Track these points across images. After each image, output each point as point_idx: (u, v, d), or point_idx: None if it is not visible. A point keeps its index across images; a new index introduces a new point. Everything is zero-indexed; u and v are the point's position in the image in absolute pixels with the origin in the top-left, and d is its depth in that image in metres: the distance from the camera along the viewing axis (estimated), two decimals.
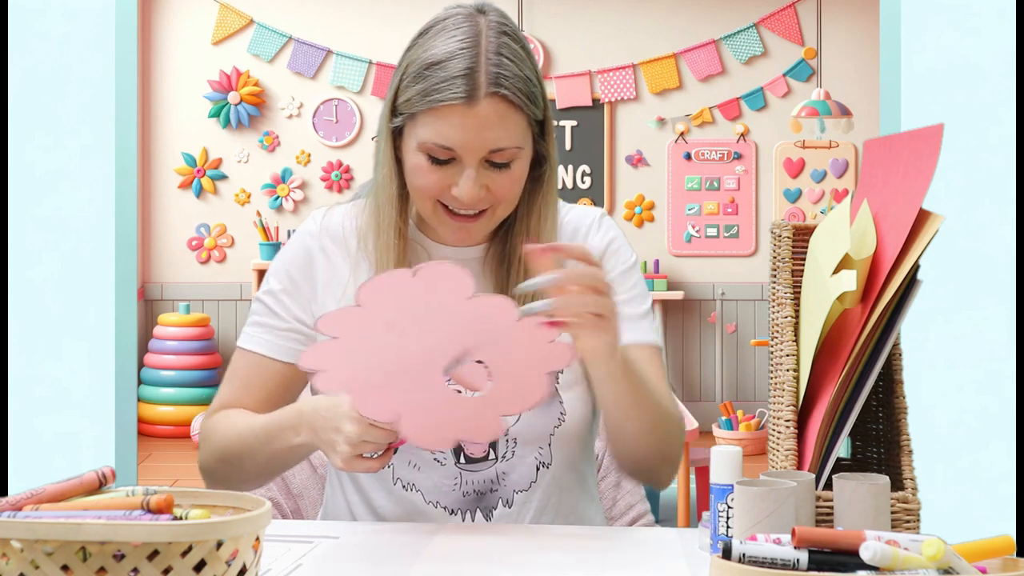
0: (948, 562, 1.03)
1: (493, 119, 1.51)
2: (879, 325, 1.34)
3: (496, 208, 1.58)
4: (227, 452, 1.61)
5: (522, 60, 1.55)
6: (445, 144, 1.52)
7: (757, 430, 6.33)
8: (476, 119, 1.51)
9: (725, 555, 1.06)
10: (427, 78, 1.52)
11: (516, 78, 1.52)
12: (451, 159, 1.54)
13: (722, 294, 7.09)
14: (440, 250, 1.68)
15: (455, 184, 1.54)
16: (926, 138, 1.34)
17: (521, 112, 1.53)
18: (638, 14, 7.04)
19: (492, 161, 1.54)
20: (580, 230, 1.71)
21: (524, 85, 1.53)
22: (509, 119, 1.52)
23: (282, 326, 1.66)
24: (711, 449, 1.35)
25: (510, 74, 1.52)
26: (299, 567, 1.33)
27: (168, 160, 7.06)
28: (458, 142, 1.52)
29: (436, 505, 1.62)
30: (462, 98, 1.50)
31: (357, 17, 7.00)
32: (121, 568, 1.01)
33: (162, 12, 7.03)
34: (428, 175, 1.55)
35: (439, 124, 1.51)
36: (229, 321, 7.08)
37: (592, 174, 7.07)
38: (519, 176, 1.57)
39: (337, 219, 1.70)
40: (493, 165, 1.54)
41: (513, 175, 1.56)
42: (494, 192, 1.56)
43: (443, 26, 1.56)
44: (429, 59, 1.53)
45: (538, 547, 1.46)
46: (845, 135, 6.78)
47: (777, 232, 1.45)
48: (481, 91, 1.50)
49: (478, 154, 1.52)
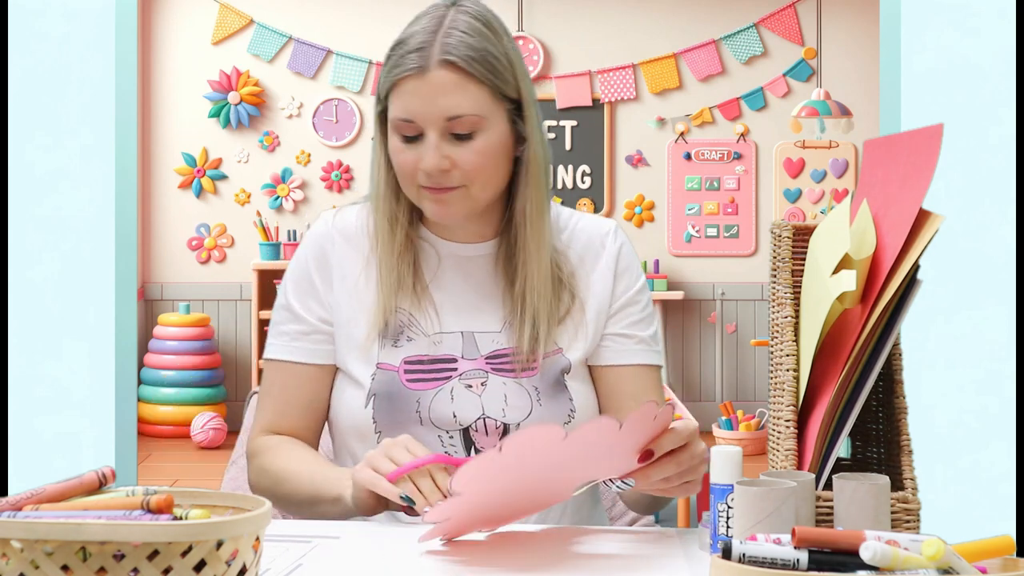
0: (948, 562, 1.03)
1: (447, 86, 1.56)
2: (879, 325, 1.34)
3: (471, 186, 1.61)
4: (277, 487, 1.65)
5: (483, 36, 1.59)
6: (405, 116, 1.58)
7: (757, 430, 6.32)
8: (429, 86, 1.56)
9: (725, 555, 1.06)
10: (391, 58, 1.60)
11: (469, 47, 1.57)
12: (419, 135, 1.58)
13: (722, 294, 7.09)
14: (449, 247, 1.70)
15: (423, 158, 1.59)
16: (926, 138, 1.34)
17: (477, 81, 1.57)
18: (638, 14, 7.04)
19: (454, 133, 1.58)
20: (594, 241, 1.73)
21: (479, 55, 1.57)
22: (463, 87, 1.57)
23: (308, 329, 1.69)
24: (711, 449, 1.35)
25: (462, 44, 1.57)
26: (299, 567, 1.33)
27: (168, 160, 7.06)
28: (414, 112, 1.57)
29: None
30: (414, 68, 1.57)
31: (357, 17, 7.00)
32: (121, 568, 1.01)
33: (162, 12, 7.03)
34: (401, 154, 1.60)
35: (401, 98, 1.58)
36: (229, 321, 7.08)
37: (592, 174, 7.06)
38: (484, 149, 1.59)
39: (349, 219, 1.73)
40: (456, 137, 1.58)
41: (476, 147, 1.59)
42: (460, 166, 1.59)
43: (417, 16, 1.63)
44: (396, 41, 1.61)
45: (538, 547, 1.46)
46: (845, 135, 6.78)
47: (777, 232, 1.45)
48: (432, 60, 1.56)
49: (436, 123, 1.57)
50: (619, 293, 1.71)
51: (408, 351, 1.65)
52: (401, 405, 1.63)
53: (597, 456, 1.35)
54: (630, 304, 1.72)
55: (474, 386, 1.64)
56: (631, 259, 1.74)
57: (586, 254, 1.72)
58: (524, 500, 1.43)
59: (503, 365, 1.65)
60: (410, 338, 1.66)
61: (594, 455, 1.35)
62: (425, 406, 1.63)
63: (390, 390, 1.63)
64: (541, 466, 1.35)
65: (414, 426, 1.63)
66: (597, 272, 1.71)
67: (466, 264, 1.70)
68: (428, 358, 1.65)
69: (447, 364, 1.65)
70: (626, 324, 1.71)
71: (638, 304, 1.72)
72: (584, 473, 1.41)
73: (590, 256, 1.72)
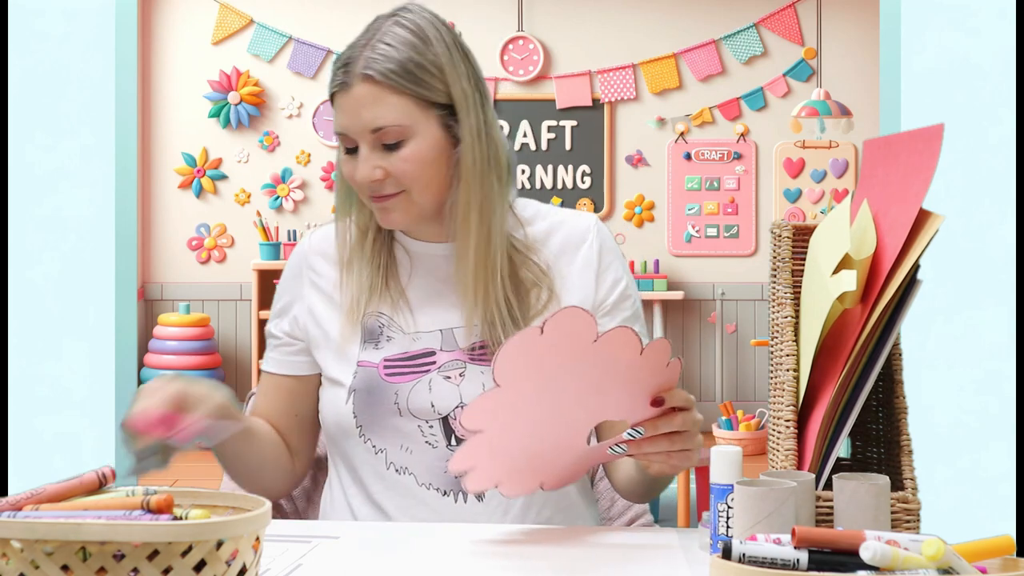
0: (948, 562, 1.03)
1: (368, 100, 1.62)
2: (879, 325, 1.34)
3: (410, 191, 1.65)
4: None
5: (411, 46, 1.63)
6: (339, 130, 1.66)
7: (757, 430, 6.32)
8: (352, 100, 1.63)
9: (725, 555, 1.06)
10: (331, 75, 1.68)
11: (389, 60, 1.62)
12: (355, 147, 1.65)
13: (722, 294, 7.09)
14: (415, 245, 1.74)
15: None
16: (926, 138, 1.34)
17: (397, 92, 1.62)
18: (638, 14, 7.03)
19: (383, 143, 1.63)
20: (574, 235, 1.74)
21: (400, 68, 1.62)
22: (383, 99, 1.62)
23: (279, 343, 1.79)
24: (711, 449, 1.35)
25: (382, 57, 1.62)
26: (299, 567, 1.33)
27: (168, 160, 7.06)
28: (345, 126, 1.64)
29: (429, 487, 1.65)
30: (339, 84, 1.64)
31: (357, 17, 6.96)
32: (121, 568, 1.01)
33: (162, 12, 7.03)
34: (345, 165, 1.67)
35: (335, 113, 1.66)
36: (229, 321, 7.08)
37: (592, 174, 7.06)
38: (412, 156, 1.64)
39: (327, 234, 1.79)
40: (386, 147, 1.63)
41: (405, 155, 1.63)
42: (393, 174, 1.64)
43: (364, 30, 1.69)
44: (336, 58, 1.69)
45: (537, 547, 1.46)
46: (845, 135, 6.78)
47: (777, 232, 1.45)
48: (353, 75, 1.63)
49: (364, 136, 1.63)
50: (607, 291, 1.72)
51: (388, 351, 1.69)
52: (380, 398, 1.67)
53: (618, 377, 1.37)
54: (622, 301, 1.73)
55: (452, 376, 1.67)
56: (614, 255, 1.75)
57: (566, 247, 1.73)
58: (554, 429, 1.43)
59: (482, 356, 1.68)
60: (389, 338, 1.69)
61: (616, 373, 1.37)
62: (403, 397, 1.66)
63: (369, 385, 1.67)
64: (571, 363, 1.36)
65: (393, 417, 1.66)
66: (575, 266, 1.72)
67: (438, 262, 1.73)
68: (407, 354, 1.69)
69: (426, 358, 1.68)
70: (619, 322, 1.71)
71: (628, 300, 1.74)
72: (606, 398, 1.41)
73: (569, 250, 1.73)
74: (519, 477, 1.49)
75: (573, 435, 1.46)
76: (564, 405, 1.40)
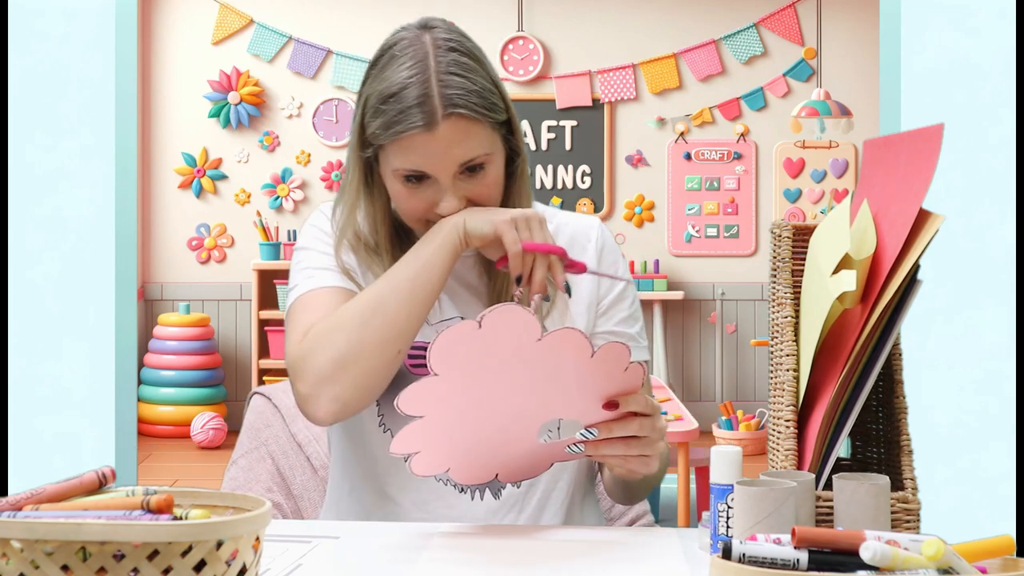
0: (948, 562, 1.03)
1: (458, 137, 1.55)
2: (879, 325, 1.34)
3: None
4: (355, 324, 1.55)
5: (474, 72, 1.58)
6: (414, 168, 1.57)
7: (757, 430, 6.32)
8: (439, 142, 1.55)
9: (725, 555, 1.06)
10: (385, 112, 1.56)
11: (470, 92, 1.56)
12: (426, 177, 1.58)
13: (722, 294, 7.09)
14: None
15: (436, 202, 1.59)
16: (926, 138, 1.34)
17: (481, 123, 1.57)
18: (638, 14, 7.04)
19: (466, 170, 1.58)
20: (578, 240, 1.74)
21: (479, 97, 1.56)
22: (471, 133, 1.56)
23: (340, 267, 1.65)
24: (711, 449, 1.35)
25: (463, 91, 1.55)
26: (299, 567, 1.33)
27: (168, 160, 7.06)
28: (427, 166, 1.56)
29: (446, 483, 1.65)
30: (420, 126, 1.54)
31: (357, 17, 7.00)
32: (121, 568, 1.01)
33: (162, 12, 7.03)
34: (409, 199, 1.60)
35: (406, 153, 1.56)
36: (229, 321, 7.08)
37: (592, 174, 7.06)
38: (495, 179, 1.61)
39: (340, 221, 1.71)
40: (469, 173, 1.58)
41: (488, 179, 1.60)
42: (475, 200, 1.60)
43: (392, 54, 1.59)
44: (384, 91, 1.57)
45: (538, 547, 1.46)
46: (845, 135, 6.78)
47: (777, 232, 1.45)
48: (438, 115, 1.54)
49: (449, 171, 1.57)
50: (605, 290, 1.72)
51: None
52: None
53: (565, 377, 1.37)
54: (619, 301, 1.74)
55: None
56: (615, 256, 1.76)
57: (570, 249, 1.73)
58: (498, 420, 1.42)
59: None
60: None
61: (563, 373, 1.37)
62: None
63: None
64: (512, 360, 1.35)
65: None
66: None
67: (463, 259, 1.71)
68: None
69: None
70: (615, 322, 1.72)
71: (625, 301, 1.74)
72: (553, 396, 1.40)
73: (575, 251, 1.73)
74: (468, 465, 1.48)
75: (521, 428, 1.44)
76: (506, 398, 1.39)
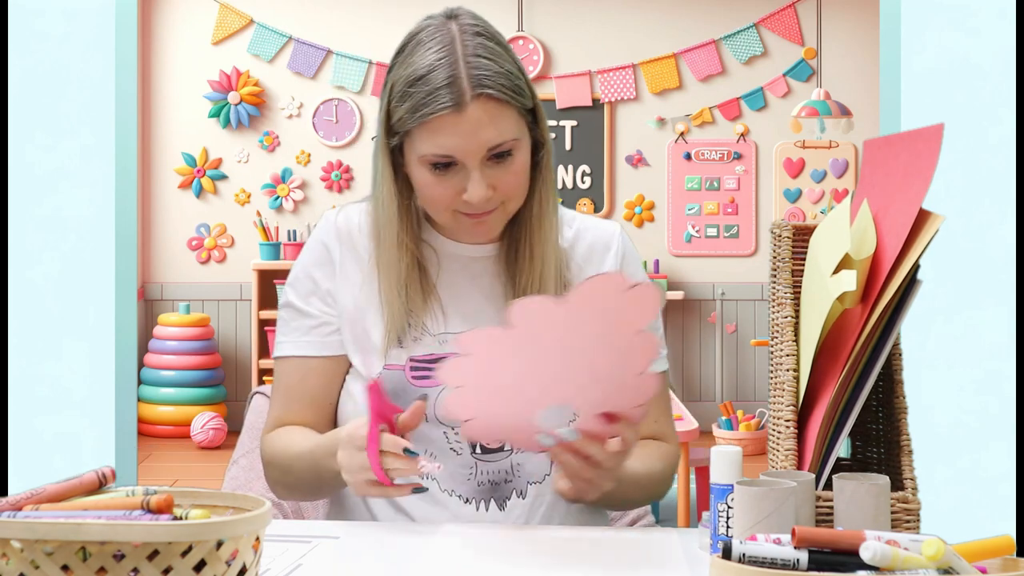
0: (948, 562, 1.03)
1: (485, 119, 1.54)
2: (879, 325, 1.34)
3: (508, 203, 1.62)
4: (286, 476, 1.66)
5: (500, 56, 1.58)
6: (442, 153, 1.56)
7: (757, 430, 6.32)
8: (468, 123, 1.54)
9: (725, 555, 1.06)
10: (412, 95, 1.55)
11: (498, 75, 1.55)
12: (453, 163, 1.56)
13: (722, 294, 7.09)
14: (453, 247, 1.70)
15: (463, 190, 1.58)
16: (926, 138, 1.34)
17: (510, 106, 1.56)
18: (638, 14, 7.04)
19: (493, 157, 1.57)
20: (599, 242, 1.74)
21: (507, 80, 1.56)
22: (500, 115, 1.55)
23: (313, 323, 1.69)
24: (711, 449, 1.35)
25: (491, 72, 1.55)
26: (299, 567, 1.33)
27: (168, 160, 7.06)
28: (456, 149, 1.55)
29: (451, 493, 1.63)
30: (449, 107, 1.53)
31: (357, 17, 7.00)
32: (121, 568, 1.01)
33: (162, 12, 7.03)
34: (436, 187, 1.58)
35: (434, 136, 1.55)
36: (229, 321, 7.08)
37: (592, 174, 7.06)
38: (522, 167, 1.60)
39: (352, 219, 1.72)
40: (496, 160, 1.57)
41: (515, 167, 1.59)
42: (501, 189, 1.59)
43: (418, 40, 1.59)
44: (412, 75, 1.56)
45: (538, 547, 1.46)
46: (845, 135, 6.78)
47: (777, 232, 1.45)
48: (467, 96, 1.53)
49: (478, 155, 1.55)
50: None
51: (414, 351, 1.65)
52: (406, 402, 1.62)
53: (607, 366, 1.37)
54: None
55: None
56: (636, 264, 1.75)
57: (591, 254, 1.73)
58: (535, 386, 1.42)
59: None
60: (416, 338, 1.65)
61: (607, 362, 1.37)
62: (430, 403, 1.62)
63: (395, 388, 1.63)
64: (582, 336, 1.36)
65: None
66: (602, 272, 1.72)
67: (470, 265, 1.70)
68: (435, 357, 1.65)
69: None
70: None
71: None
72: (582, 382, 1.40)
73: (596, 257, 1.72)
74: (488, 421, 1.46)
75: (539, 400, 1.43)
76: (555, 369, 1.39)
